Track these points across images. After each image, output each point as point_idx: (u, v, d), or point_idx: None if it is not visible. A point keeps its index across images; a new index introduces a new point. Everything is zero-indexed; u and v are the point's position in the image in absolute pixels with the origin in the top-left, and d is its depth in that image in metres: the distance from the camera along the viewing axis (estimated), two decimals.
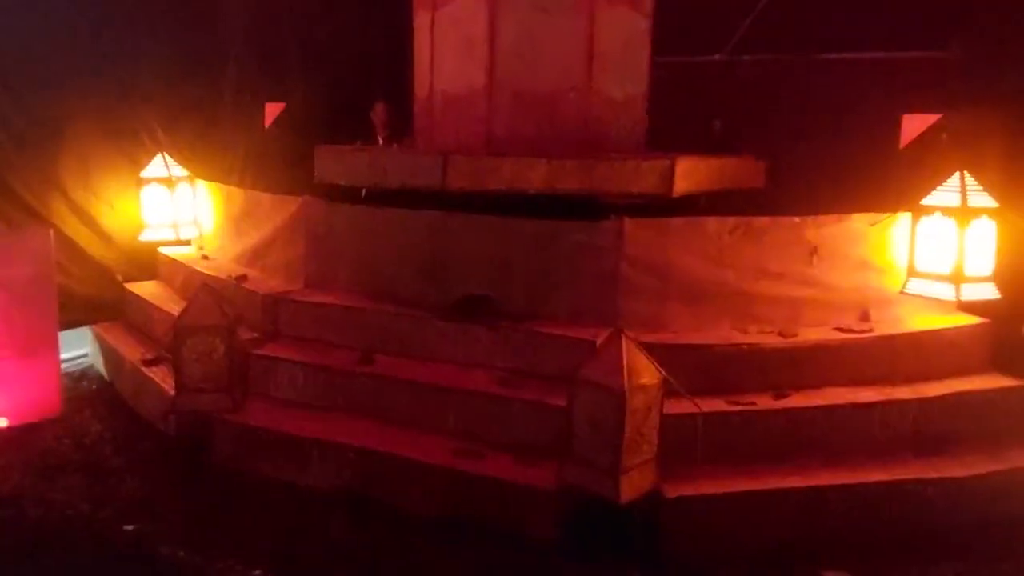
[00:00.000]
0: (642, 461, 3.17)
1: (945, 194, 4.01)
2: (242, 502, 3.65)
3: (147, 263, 5.82)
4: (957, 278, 3.93)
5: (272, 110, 5.91)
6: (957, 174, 4.00)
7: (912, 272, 4.11)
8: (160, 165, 5.63)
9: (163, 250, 5.78)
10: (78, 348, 5.65)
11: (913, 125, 4.66)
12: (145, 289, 5.57)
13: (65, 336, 4.89)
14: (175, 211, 5.68)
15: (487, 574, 3.12)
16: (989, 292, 3.97)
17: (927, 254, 4.05)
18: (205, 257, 5.64)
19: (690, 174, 4.19)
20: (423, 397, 3.87)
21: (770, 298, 4.05)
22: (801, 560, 3.17)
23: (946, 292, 3.97)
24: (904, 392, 3.74)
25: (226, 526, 3.44)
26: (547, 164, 4.12)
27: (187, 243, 5.82)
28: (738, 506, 3.26)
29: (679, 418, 3.38)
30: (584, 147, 4.56)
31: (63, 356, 4.90)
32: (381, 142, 6.09)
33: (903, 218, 4.16)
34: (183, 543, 3.24)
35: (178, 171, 5.70)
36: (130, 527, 3.40)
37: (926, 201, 4.06)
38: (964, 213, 3.91)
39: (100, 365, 5.48)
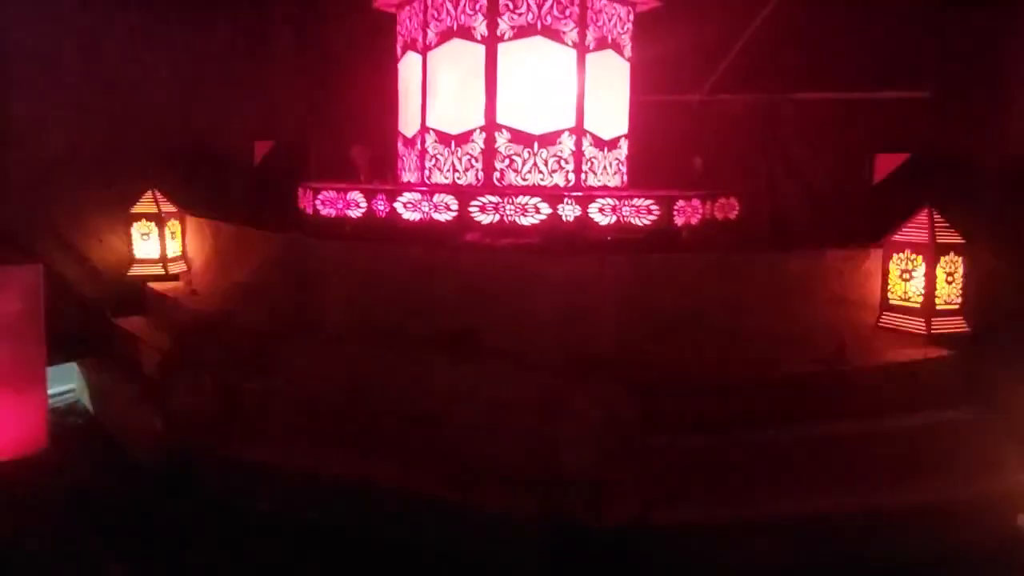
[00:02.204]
0: (626, 488, 3.23)
1: (915, 230, 4.16)
2: (235, 537, 3.64)
3: (135, 299, 5.84)
4: (928, 312, 4.07)
5: (261, 148, 6.03)
6: (926, 211, 4.15)
7: (885, 306, 4.25)
8: (150, 201, 5.69)
9: (152, 285, 5.82)
10: (65, 383, 5.65)
11: (885, 163, 4.84)
12: (133, 324, 5.57)
13: (51, 371, 4.88)
14: (164, 247, 5.73)
15: None
16: (958, 325, 4.11)
17: (898, 288, 4.19)
18: (194, 292, 5.68)
19: (684, 210, 4.34)
20: (413, 430, 3.91)
21: (751, 332, 4.14)
22: None
23: (917, 325, 4.10)
24: (879, 423, 3.83)
25: (221, 562, 3.44)
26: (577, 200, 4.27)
27: (175, 279, 5.86)
28: (724, 534, 3.33)
29: (663, 448, 3.45)
30: (576, 185, 4.70)
31: (49, 391, 4.90)
32: (363, 180, 6.22)
33: (875, 253, 4.30)
34: None
35: (168, 207, 5.76)
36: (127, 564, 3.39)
37: (897, 237, 4.21)
38: (933, 249, 4.06)
39: (86, 400, 5.47)
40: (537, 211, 4.11)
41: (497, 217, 4.15)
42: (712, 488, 3.51)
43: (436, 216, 4.26)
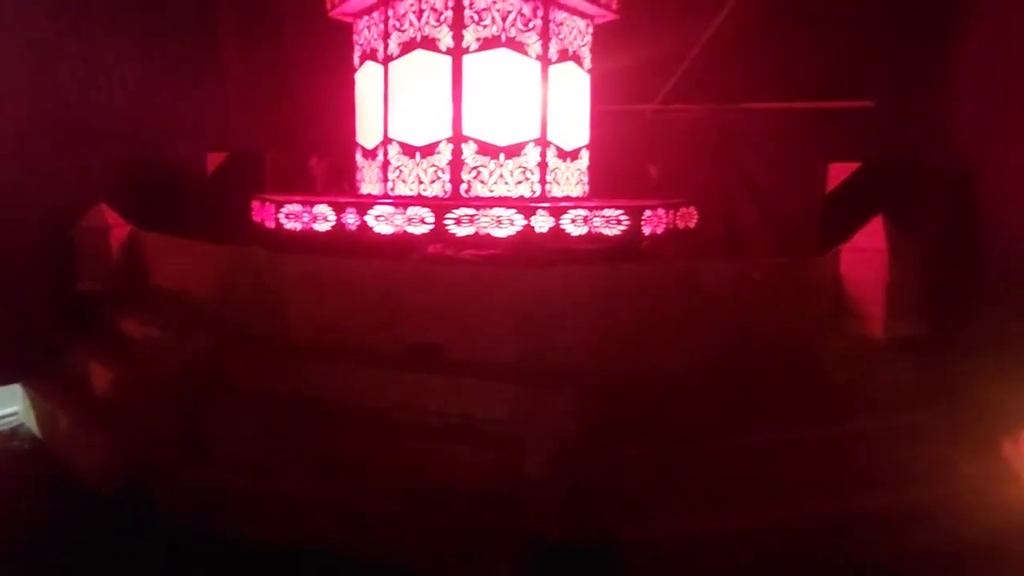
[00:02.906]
0: (595, 501, 3.24)
1: (869, 237, 4.28)
2: (196, 563, 3.53)
3: (84, 316, 5.62)
4: (884, 317, 4.18)
5: (214, 159, 5.88)
6: (880, 217, 4.28)
7: (842, 312, 4.36)
8: (99, 215, 5.49)
9: (102, 302, 5.60)
10: (7, 406, 5.39)
11: (839, 172, 4.98)
12: (83, 343, 5.36)
13: None
14: (113, 262, 5.53)
15: None
16: (916, 327, 4.24)
17: (855, 294, 4.31)
18: (148, 308, 5.49)
19: (650, 220, 4.39)
20: (378, 446, 3.85)
21: (714, 341, 4.20)
22: None
23: (876, 329, 4.22)
24: (840, 427, 3.91)
25: None
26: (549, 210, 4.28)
27: (128, 294, 5.66)
28: (695, 544, 3.35)
29: (634, 459, 3.46)
30: (542, 195, 4.72)
31: None
32: (319, 191, 6.14)
33: (832, 260, 4.41)
34: None
35: (118, 220, 5.57)
36: None
37: (852, 244, 4.32)
38: (888, 254, 4.18)
39: (32, 423, 5.23)
40: (512, 223, 4.11)
41: (473, 230, 4.14)
42: (684, 497, 3.54)
43: (410, 229, 4.21)
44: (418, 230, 4.21)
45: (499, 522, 3.35)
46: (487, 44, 4.73)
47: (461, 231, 4.16)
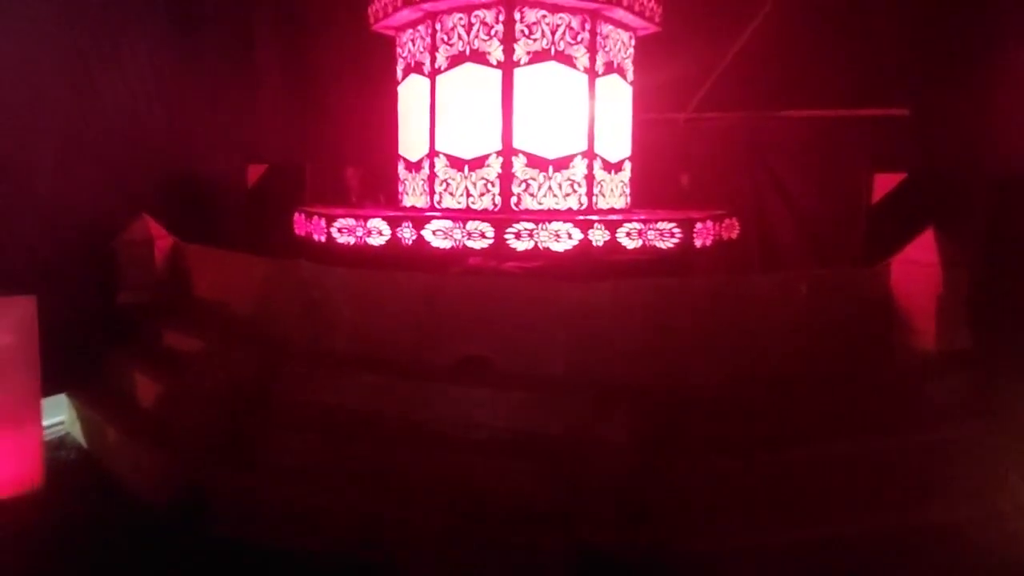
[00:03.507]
0: (646, 514, 3.24)
1: (920, 249, 4.26)
2: (242, 574, 3.54)
3: (127, 327, 5.66)
4: (937, 328, 4.16)
5: (255, 171, 5.91)
6: (931, 229, 4.26)
7: (894, 323, 4.34)
8: (142, 228, 5.53)
9: (145, 313, 5.63)
10: (54, 416, 5.42)
11: (884, 182, 4.96)
12: (127, 354, 5.39)
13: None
14: (157, 274, 5.57)
15: None
16: (966, 340, 4.22)
17: (907, 305, 4.29)
18: (191, 321, 5.52)
19: (700, 232, 4.40)
20: (425, 459, 3.84)
21: (761, 350, 4.19)
22: None
23: (927, 342, 4.20)
24: (894, 440, 3.88)
25: None
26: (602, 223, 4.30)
27: (171, 306, 5.69)
28: (747, 557, 3.34)
29: (685, 472, 3.46)
30: (589, 208, 4.72)
31: None
32: (354, 202, 6.16)
33: (883, 270, 4.39)
34: None
35: (161, 232, 5.61)
36: None
37: (902, 255, 4.31)
38: (938, 265, 4.16)
39: (78, 433, 5.26)
40: (570, 237, 4.12)
41: (532, 244, 4.15)
42: (734, 510, 3.52)
43: (469, 244, 4.22)
44: (477, 244, 4.22)
45: (549, 535, 3.35)
46: (537, 57, 4.77)
47: (520, 245, 4.18)
